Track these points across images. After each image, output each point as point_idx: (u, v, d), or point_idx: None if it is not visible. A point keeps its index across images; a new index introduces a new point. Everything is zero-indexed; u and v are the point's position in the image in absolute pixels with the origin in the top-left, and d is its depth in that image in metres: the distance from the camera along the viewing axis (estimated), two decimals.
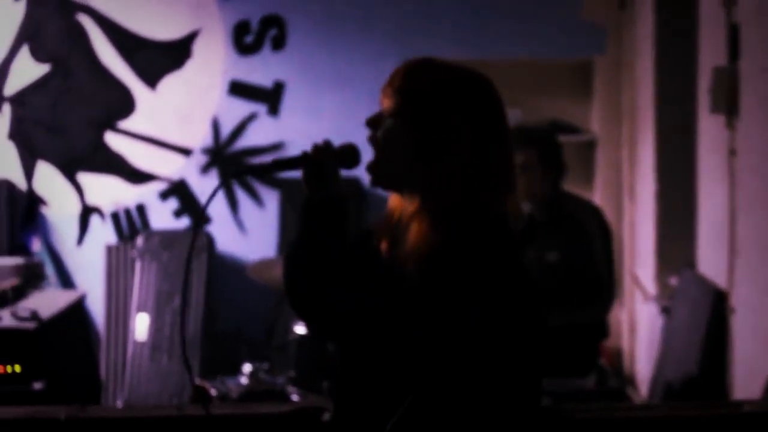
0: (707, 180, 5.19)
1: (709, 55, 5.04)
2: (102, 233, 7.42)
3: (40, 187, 7.40)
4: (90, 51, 7.35)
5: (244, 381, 5.25)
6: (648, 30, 6.38)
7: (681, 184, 6.04)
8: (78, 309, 6.40)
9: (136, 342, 6.94)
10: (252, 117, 7.34)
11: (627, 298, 6.98)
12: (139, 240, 7.16)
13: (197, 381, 5.48)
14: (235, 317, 7.25)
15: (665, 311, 5.86)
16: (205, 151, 7.37)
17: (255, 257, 6.81)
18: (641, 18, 6.68)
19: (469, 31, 7.27)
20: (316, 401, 4.49)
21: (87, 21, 7.33)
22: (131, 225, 7.42)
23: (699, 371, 4.83)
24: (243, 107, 7.35)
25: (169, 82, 7.36)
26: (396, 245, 2.50)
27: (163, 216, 7.42)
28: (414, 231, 2.43)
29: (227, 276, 7.28)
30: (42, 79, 7.38)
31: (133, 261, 7.18)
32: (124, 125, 7.38)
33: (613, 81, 7.22)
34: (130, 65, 7.36)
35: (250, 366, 5.30)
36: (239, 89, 7.34)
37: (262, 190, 7.35)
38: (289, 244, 2.55)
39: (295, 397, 4.98)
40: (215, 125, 7.36)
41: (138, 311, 7.00)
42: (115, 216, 7.43)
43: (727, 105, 4.58)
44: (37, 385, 4.89)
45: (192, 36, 7.33)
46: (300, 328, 5.08)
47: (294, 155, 2.56)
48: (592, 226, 5.15)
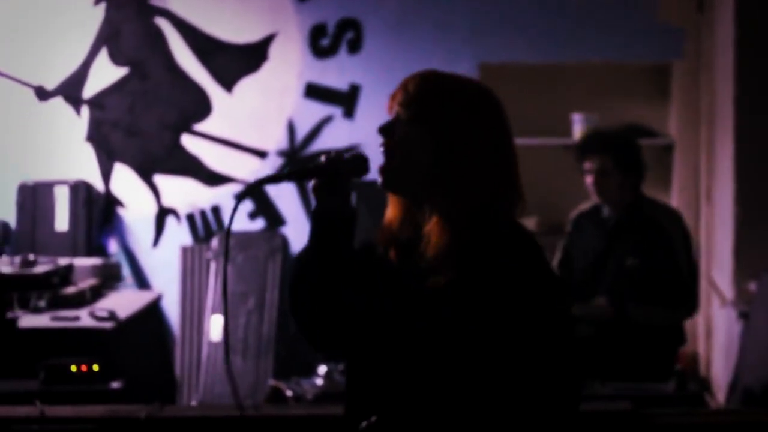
0: None
1: None
2: (177, 235, 7.45)
3: (117, 189, 7.45)
4: (167, 54, 7.40)
5: (319, 382, 5.25)
6: (728, 32, 6.30)
7: (761, 187, 5.96)
8: (154, 309, 6.45)
9: (210, 342, 6.97)
10: (327, 120, 7.35)
11: (703, 302, 6.89)
12: (214, 241, 7.19)
13: (272, 382, 5.48)
14: None
15: (743, 316, 5.79)
16: (281, 154, 7.38)
17: None
18: (721, 20, 6.60)
19: (545, 35, 7.23)
20: None
21: (164, 24, 7.38)
22: (206, 227, 7.45)
23: None
24: (318, 110, 7.35)
25: (246, 84, 7.38)
26: (408, 252, 2.51)
27: (238, 218, 7.43)
28: (436, 236, 2.43)
29: None
30: (120, 82, 7.43)
31: (208, 262, 7.21)
32: (200, 127, 7.41)
33: (691, 84, 7.14)
34: (206, 68, 7.39)
35: (325, 367, 5.29)
36: (315, 92, 7.35)
37: None
38: (300, 254, 2.53)
39: None
40: (291, 128, 7.37)
41: (212, 312, 7.03)
42: (191, 218, 7.46)
43: None
44: (115, 384, 4.91)
45: (268, 39, 7.35)
46: None
47: (308, 165, 2.54)
48: (673, 230, 5.10)
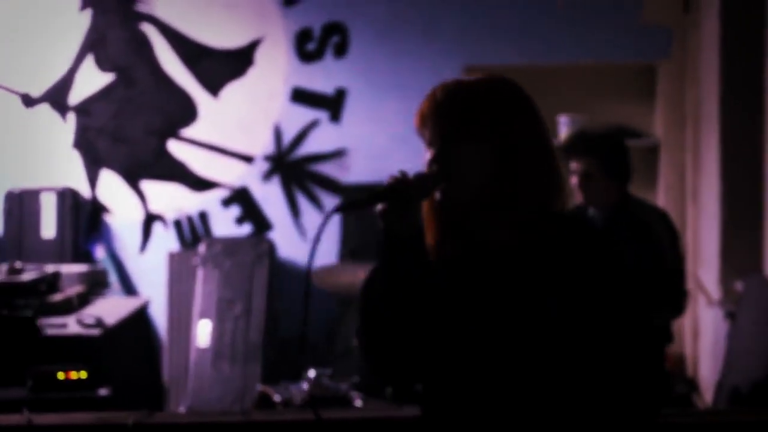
0: None
1: None
2: (164, 241, 7.45)
3: (103, 195, 7.44)
4: (153, 60, 7.39)
5: (307, 387, 5.24)
6: (714, 33, 6.31)
7: (747, 186, 5.97)
8: (141, 316, 6.44)
9: (198, 348, 6.96)
10: (314, 124, 7.35)
11: (690, 302, 6.90)
12: (202, 247, 7.18)
13: (260, 387, 5.47)
14: (298, 323, 7.23)
15: (730, 316, 5.79)
16: (267, 158, 7.38)
17: (317, 263, 6.81)
18: (707, 21, 6.61)
19: (532, 37, 7.23)
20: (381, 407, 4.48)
21: (150, 30, 7.37)
22: (193, 232, 7.45)
23: (767, 376, 4.76)
24: (305, 114, 7.35)
25: (232, 89, 7.38)
26: (470, 259, 2.51)
27: (226, 223, 7.43)
28: (501, 238, 2.47)
29: (289, 282, 7.28)
30: (106, 88, 7.43)
31: (195, 268, 7.20)
32: (186, 133, 7.41)
33: (677, 85, 7.15)
34: (192, 73, 7.39)
35: (313, 372, 5.28)
36: (301, 96, 7.35)
37: (323, 196, 7.35)
38: (369, 278, 2.52)
39: (359, 403, 4.96)
40: (277, 132, 7.37)
41: (200, 318, 7.02)
42: (178, 223, 7.45)
43: None
44: (103, 391, 4.91)
45: (254, 44, 7.35)
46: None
47: (384, 187, 2.47)
48: (660, 230, 5.10)
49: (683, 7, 7.15)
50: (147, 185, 7.44)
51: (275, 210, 7.41)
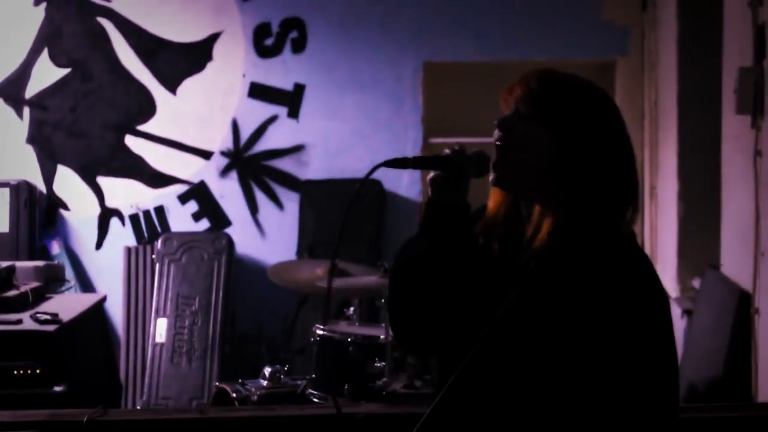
0: (732, 181, 5.14)
1: (734, 56, 5.00)
2: (121, 236, 7.41)
3: (59, 191, 7.39)
4: (110, 54, 7.34)
5: (264, 383, 5.22)
6: (671, 31, 6.33)
7: (704, 184, 5.99)
8: (98, 311, 6.38)
9: (155, 344, 6.93)
10: (272, 119, 7.32)
11: None
12: (159, 243, 7.14)
13: (218, 384, 5.44)
14: (255, 319, 7.22)
15: (687, 313, 5.81)
16: (225, 154, 7.35)
17: (274, 259, 6.78)
18: (664, 19, 6.64)
19: (489, 33, 7.24)
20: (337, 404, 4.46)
21: (107, 24, 7.32)
22: (151, 228, 7.41)
23: (724, 373, 4.78)
24: (263, 109, 7.33)
25: (190, 84, 7.35)
26: (511, 246, 2.45)
27: (183, 219, 7.40)
28: (545, 235, 2.38)
29: (247, 278, 7.26)
30: (61, 82, 7.37)
31: (153, 264, 7.17)
32: (143, 128, 7.37)
33: (636, 82, 7.18)
34: (150, 68, 7.35)
35: (270, 368, 5.26)
36: (259, 91, 7.32)
37: (281, 192, 7.33)
38: (408, 245, 2.52)
39: (316, 400, 4.94)
40: (235, 128, 7.34)
41: (157, 313, 6.98)
42: (135, 219, 7.41)
43: (753, 105, 4.54)
44: (58, 388, 4.86)
45: (212, 38, 7.32)
46: (320, 330, 5.03)
47: (435, 155, 2.49)
48: None
49: (641, 6, 7.17)
50: (104, 180, 7.40)
51: (233, 206, 7.38)
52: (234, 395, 5.07)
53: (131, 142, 7.37)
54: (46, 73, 7.36)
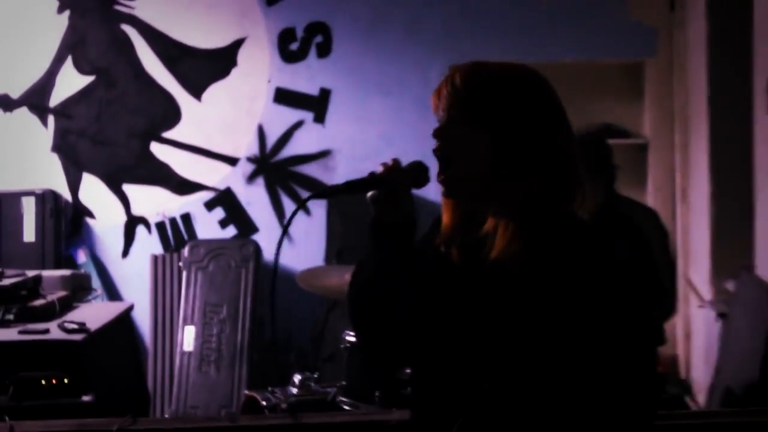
0: (765, 181, 5.10)
1: (765, 55, 4.96)
2: (148, 244, 7.41)
3: (85, 199, 7.40)
4: (134, 61, 7.35)
5: (294, 391, 5.19)
6: (701, 30, 6.30)
7: (737, 185, 5.95)
8: (125, 320, 6.38)
9: (183, 352, 6.92)
10: (298, 125, 7.31)
11: (681, 303, 6.89)
12: (185, 250, 7.14)
13: (247, 392, 5.42)
14: (284, 327, 7.20)
15: (722, 316, 5.77)
16: (251, 160, 7.35)
17: (302, 266, 6.75)
18: (693, 18, 6.60)
19: (516, 34, 7.22)
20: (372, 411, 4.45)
21: (131, 31, 7.33)
22: (177, 235, 7.41)
23: (761, 377, 4.73)
24: (289, 115, 7.32)
25: (215, 90, 7.35)
26: (472, 252, 2.44)
27: (209, 226, 7.40)
28: (502, 237, 2.38)
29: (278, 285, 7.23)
30: (86, 90, 7.39)
31: (180, 272, 7.17)
32: (169, 135, 7.37)
33: (665, 83, 7.14)
34: (174, 75, 7.35)
35: (299, 375, 5.24)
36: (285, 97, 7.31)
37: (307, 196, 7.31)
38: (359, 267, 2.51)
39: (347, 407, 4.92)
40: (261, 133, 7.34)
41: (184, 322, 6.98)
42: (161, 226, 7.41)
43: None
44: (86, 398, 4.86)
45: (237, 44, 7.32)
46: (350, 337, 5.02)
47: (365, 176, 2.47)
48: (650, 230, 5.09)
49: (669, 6, 7.14)
50: (129, 188, 7.40)
51: (260, 212, 7.38)
52: (264, 403, 5.05)
53: (156, 149, 7.37)
54: (70, 81, 7.37)
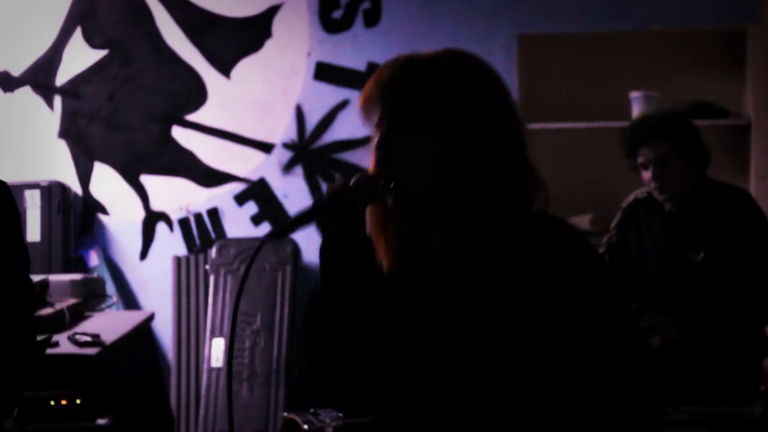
0: None
1: None
2: (170, 244, 7.44)
3: (97, 192, 7.44)
4: (153, 32, 7.39)
5: (340, 413, 5.22)
6: None
7: None
8: (144, 331, 6.44)
9: (210, 369, 6.97)
10: (342, 105, 7.32)
11: None
12: (213, 251, 7.18)
13: (285, 414, 5.46)
14: None
15: None
16: (289, 146, 7.37)
17: None
18: None
19: (594, 0, 7.20)
20: None
21: None
22: (203, 234, 7.44)
23: None
24: (332, 94, 7.33)
25: (246, 66, 7.37)
26: (426, 275, 2.50)
27: (241, 222, 7.43)
28: (457, 247, 2.44)
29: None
30: (97, 67, 7.43)
31: (207, 275, 7.20)
32: (193, 118, 7.41)
33: None
34: (199, 48, 7.38)
35: None
36: (327, 73, 7.33)
37: None
38: (313, 297, 2.53)
39: None
40: (299, 115, 7.36)
41: (212, 333, 7.02)
42: (185, 223, 7.45)
43: None
44: (102, 421, 4.91)
45: (271, 11, 7.34)
46: None
47: (311, 206, 2.49)
48: (744, 215, 5.09)
49: None
50: (148, 180, 7.44)
51: (298, 206, 7.31)
52: (306, 427, 5.08)
53: (179, 134, 7.41)
54: (79, 57, 7.42)
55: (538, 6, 7.20)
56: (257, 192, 7.40)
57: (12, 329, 3.46)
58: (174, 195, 7.43)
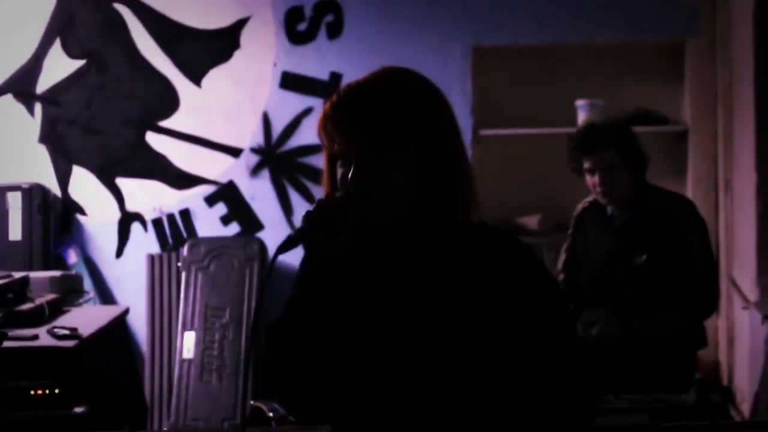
0: None
1: None
2: (144, 243, 7.44)
3: (75, 194, 7.44)
4: (128, 43, 7.39)
5: None
6: (747, 7, 6.31)
7: None
8: (120, 325, 6.42)
9: (182, 360, 6.97)
10: (307, 112, 7.34)
11: (724, 304, 6.91)
12: (185, 249, 7.19)
13: (253, 402, 5.47)
14: None
15: None
16: (256, 151, 7.38)
17: None
18: None
19: (545, 14, 7.21)
20: None
21: (124, 10, 7.36)
22: (175, 233, 7.45)
23: None
24: (297, 101, 7.35)
25: (215, 75, 7.38)
26: (389, 282, 2.52)
27: (211, 222, 7.43)
28: (428, 256, 2.47)
29: (282, 286, 7.24)
30: (75, 75, 7.43)
31: (179, 272, 7.21)
32: (166, 124, 7.41)
33: (707, 65, 7.14)
34: (171, 58, 7.39)
35: None
36: (292, 81, 7.34)
37: (317, 192, 7.35)
38: (289, 308, 2.52)
39: None
40: (266, 122, 7.37)
41: (184, 327, 7.03)
42: (158, 223, 7.46)
43: None
44: (78, 409, 4.90)
45: (240, 24, 7.35)
46: None
47: (295, 232, 2.47)
48: (685, 220, 5.13)
49: None
50: (123, 182, 7.44)
51: (265, 207, 7.41)
52: (271, 414, 5.10)
53: (153, 139, 7.42)
54: (58, 66, 7.41)
55: (491, 20, 7.23)
56: (226, 194, 7.42)
57: None
58: (148, 196, 7.44)
